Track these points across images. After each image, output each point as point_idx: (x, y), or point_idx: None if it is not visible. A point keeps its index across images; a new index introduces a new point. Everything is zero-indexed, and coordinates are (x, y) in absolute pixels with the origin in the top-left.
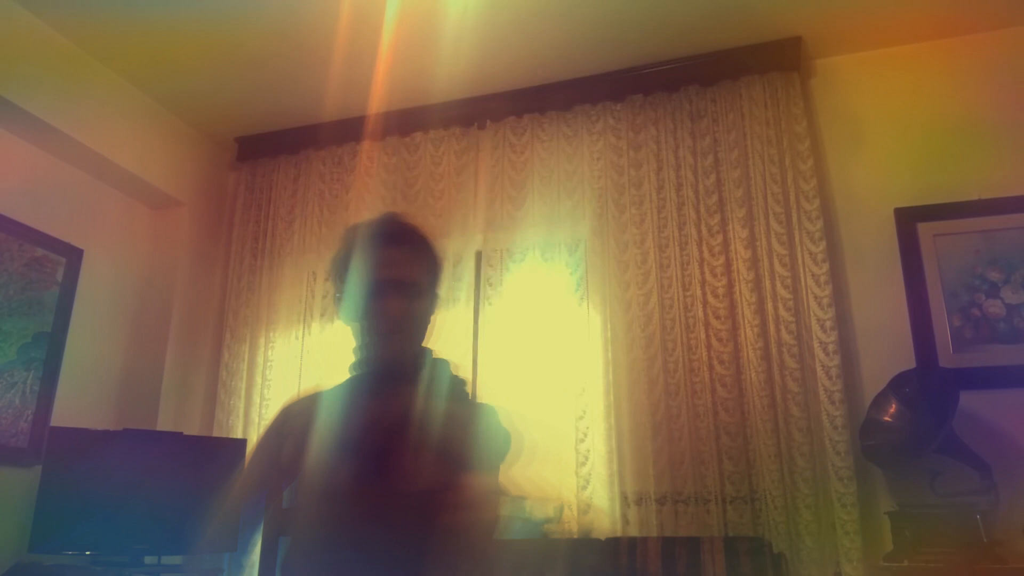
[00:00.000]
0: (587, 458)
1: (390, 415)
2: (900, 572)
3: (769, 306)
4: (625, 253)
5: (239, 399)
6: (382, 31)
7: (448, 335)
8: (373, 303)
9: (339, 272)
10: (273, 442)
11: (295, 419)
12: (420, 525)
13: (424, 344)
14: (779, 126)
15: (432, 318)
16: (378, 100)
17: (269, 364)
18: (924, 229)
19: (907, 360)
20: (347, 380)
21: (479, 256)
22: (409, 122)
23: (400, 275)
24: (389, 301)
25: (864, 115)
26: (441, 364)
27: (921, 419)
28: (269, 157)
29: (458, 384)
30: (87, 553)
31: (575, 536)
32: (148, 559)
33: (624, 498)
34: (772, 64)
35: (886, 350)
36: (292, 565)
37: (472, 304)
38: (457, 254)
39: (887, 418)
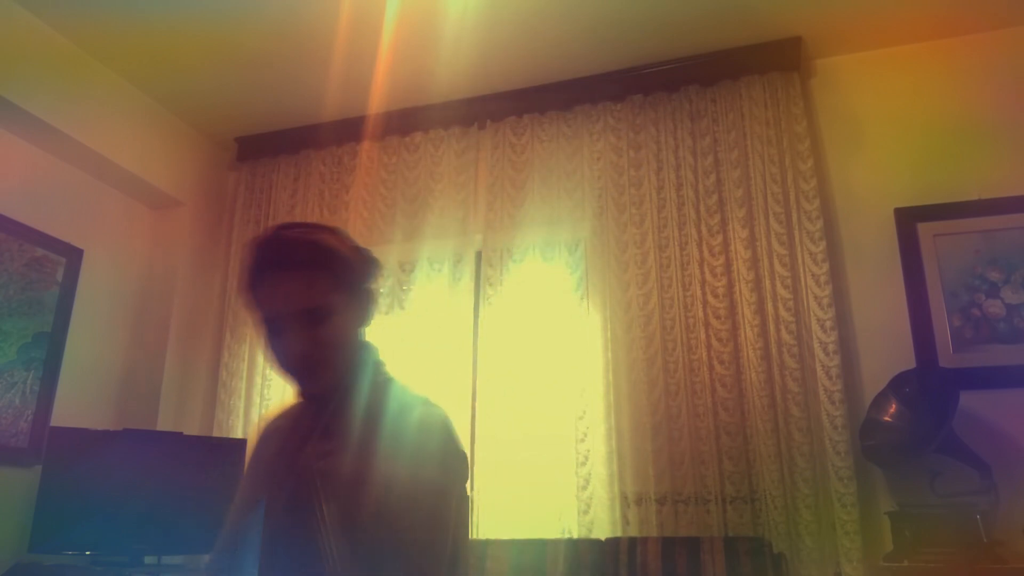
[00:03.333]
0: (587, 458)
1: (311, 448)
2: (900, 572)
3: (769, 306)
4: (625, 253)
5: (239, 399)
6: (382, 31)
7: (448, 335)
8: (274, 343)
9: (246, 301)
10: (251, 459)
11: (263, 436)
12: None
13: (352, 355)
14: (779, 126)
15: (356, 324)
16: (378, 100)
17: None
18: (924, 229)
19: (907, 360)
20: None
21: (479, 256)
22: (409, 122)
23: (297, 305)
24: (289, 339)
25: (864, 115)
26: (365, 369)
27: (921, 419)
28: (269, 157)
29: (380, 376)
30: (87, 553)
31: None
32: (148, 559)
33: (624, 498)
34: (772, 64)
35: (886, 350)
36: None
37: (472, 304)
38: (457, 254)
39: (887, 418)
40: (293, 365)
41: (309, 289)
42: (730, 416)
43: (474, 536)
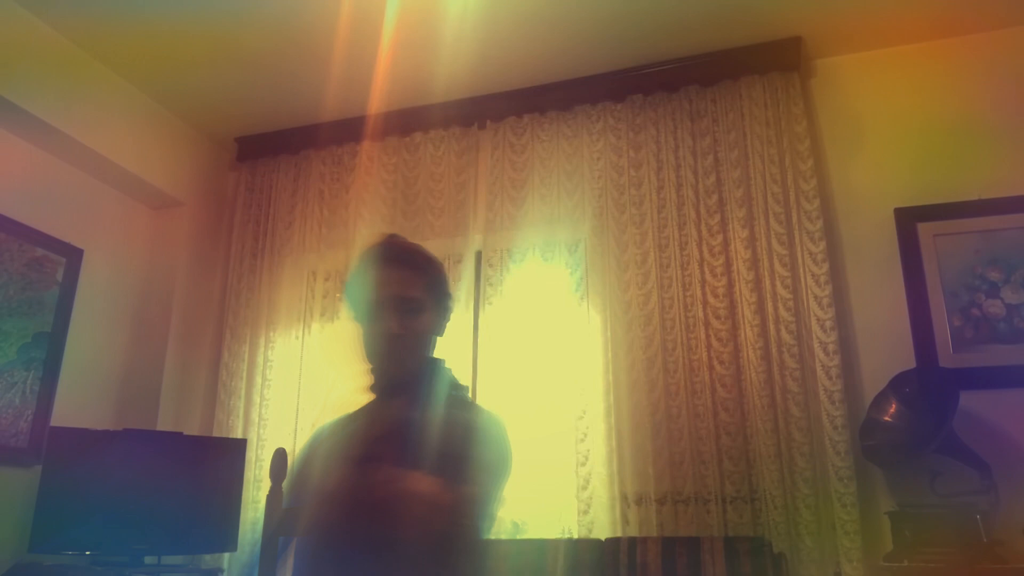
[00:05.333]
0: (587, 458)
1: (382, 424)
2: (900, 572)
3: (769, 306)
4: (625, 253)
5: (239, 399)
6: (382, 31)
7: (448, 335)
8: (372, 324)
9: (349, 296)
10: (302, 466)
11: (318, 442)
12: (396, 528)
13: (429, 356)
14: (779, 126)
15: (437, 329)
16: (378, 100)
17: (269, 364)
18: (924, 229)
19: (907, 360)
20: (365, 402)
21: (479, 256)
22: (409, 122)
23: (397, 293)
24: (387, 320)
25: (864, 115)
26: (440, 373)
27: (921, 419)
28: (269, 157)
29: (456, 390)
30: (87, 553)
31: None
32: (148, 559)
33: (624, 498)
34: (772, 64)
35: (886, 350)
36: (295, 567)
37: (472, 304)
38: (457, 254)
39: (887, 418)
40: (383, 347)
41: (409, 282)
42: (730, 416)
43: None
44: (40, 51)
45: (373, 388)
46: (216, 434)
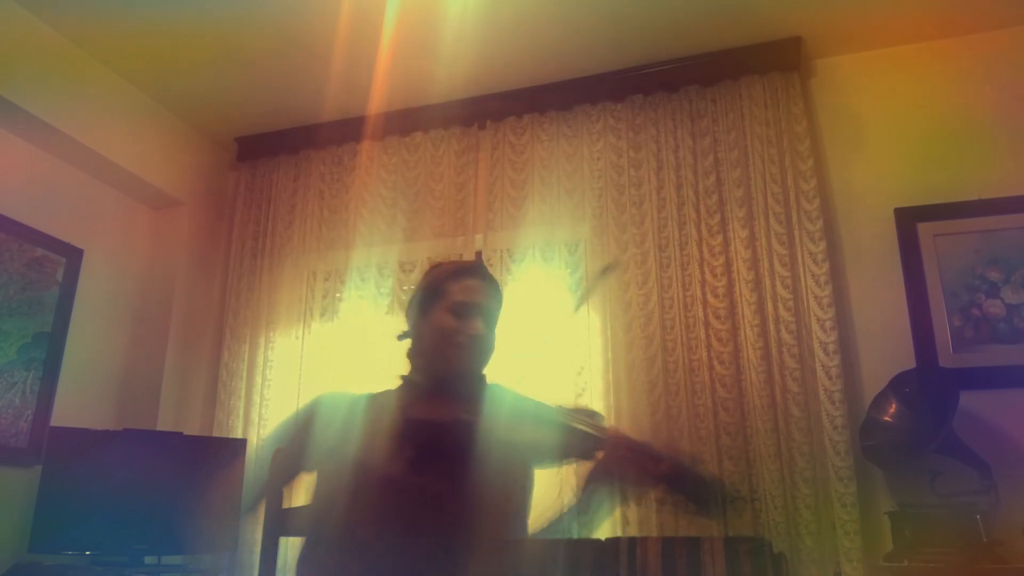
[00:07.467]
0: None
1: (448, 420)
2: (900, 572)
3: (769, 306)
4: (625, 253)
5: (239, 399)
6: (382, 31)
7: None
8: (454, 321)
9: (427, 295)
10: (303, 432)
11: (330, 412)
12: (459, 538)
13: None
14: (779, 126)
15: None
16: (378, 100)
17: (269, 364)
18: (924, 229)
19: (907, 360)
20: (400, 386)
21: (479, 256)
22: (409, 122)
23: (484, 303)
24: (473, 322)
25: (864, 115)
26: (499, 386)
27: (921, 419)
28: (269, 157)
29: (521, 400)
30: (87, 553)
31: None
32: (148, 559)
33: (624, 498)
34: (772, 64)
35: (886, 350)
36: (315, 562)
37: None
38: (457, 254)
39: (887, 418)
40: (464, 342)
41: (492, 298)
42: (730, 416)
43: None
44: (40, 51)
45: (419, 381)
46: (216, 434)
